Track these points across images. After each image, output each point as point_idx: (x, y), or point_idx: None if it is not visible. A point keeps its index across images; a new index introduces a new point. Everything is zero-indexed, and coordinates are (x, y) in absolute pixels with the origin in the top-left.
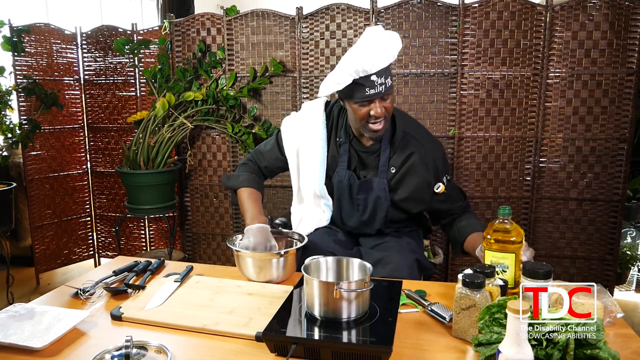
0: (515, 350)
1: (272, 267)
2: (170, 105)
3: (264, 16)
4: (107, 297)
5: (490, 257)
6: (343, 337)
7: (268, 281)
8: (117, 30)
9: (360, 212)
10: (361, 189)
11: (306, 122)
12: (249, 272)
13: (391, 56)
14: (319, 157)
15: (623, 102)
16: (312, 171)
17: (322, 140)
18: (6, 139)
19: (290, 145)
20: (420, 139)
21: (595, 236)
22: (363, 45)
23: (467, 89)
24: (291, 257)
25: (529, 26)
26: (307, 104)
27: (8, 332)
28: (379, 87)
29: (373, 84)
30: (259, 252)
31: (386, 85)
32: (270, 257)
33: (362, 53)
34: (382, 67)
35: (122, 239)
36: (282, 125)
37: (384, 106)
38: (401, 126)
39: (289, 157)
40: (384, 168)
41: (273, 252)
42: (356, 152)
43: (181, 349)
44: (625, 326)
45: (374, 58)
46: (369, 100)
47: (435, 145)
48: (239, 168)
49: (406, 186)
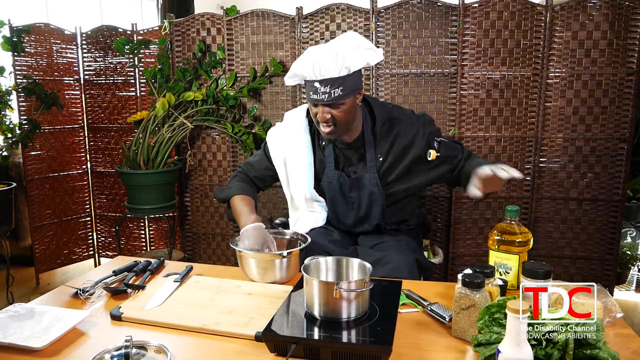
0: (515, 350)
1: (275, 268)
2: (170, 105)
3: (264, 16)
4: (106, 297)
5: (494, 257)
6: (343, 337)
7: (272, 282)
8: (117, 30)
9: (355, 210)
10: (353, 187)
11: (290, 131)
12: (252, 273)
13: (344, 69)
14: (306, 162)
15: (623, 102)
16: (300, 177)
17: (306, 147)
18: (6, 139)
19: (277, 155)
20: (402, 118)
21: (595, 236)
22: (315, 51)
23: (467, 89)
24: (295, 257)
25: (529, 26)
26: (288, 114)
27: (8, 332)
28: (321, 94)
29: (316, 90)
30: (262, 253)
31: (331, 95)
32: (273, 258)
33: (308, 58)
34: (328, 77)
35: (122, 239)
36: (268, 137)
37: (331, 113)
38: (380, 115)
39: (277, 166)
40: (372, 163)
41: (276, 252)
42: (341, 152)
43: (181, 349)
44: (625, 326)
45: (317, 67)
46: (314, 103)
47: (417, 117)
48: (230, 181)
49: (397, 169)
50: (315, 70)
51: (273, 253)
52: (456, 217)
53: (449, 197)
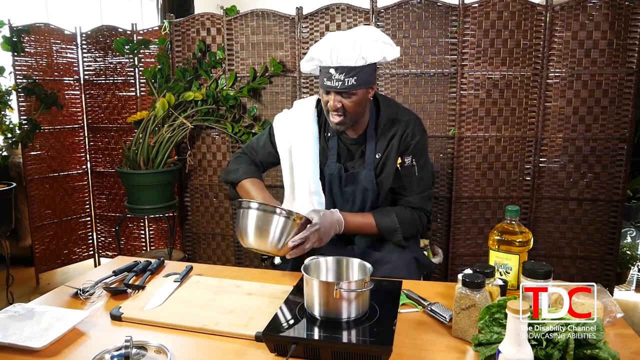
0: (515, 350)
1: (276, 229)
2: (170, 105)
3: (264, 16)
4: (106, 297)
5: (495, 257)
6: (343, 337)
7: (266, 249)
8: (117, 30)
9: (350, 205)
10: (348, 182)
11: (298, 119)
12: (248, 232)
13: (361, 59)
14: (312, 153)
15: (623, 102)
16: (306, 167)
17: (313, 137)
18: (6, 139)
19: (283, 142)
20: (404, 120)
21: (595, 236)
22: (334, 37)
23: (467, 89)
24: (297, 224)
25: (529, 26)
26: (298, 102)
27: (8, 332)
28: (335, 81)
29: (331, 76)
30: (267, 205)
31: (345, 84)
32: (277, 216)
33: (327, 44)
34: (344, 64)
35: (122, 239)
36: (275, 122)
37: (342, 102)
38: (385, 112)
39: (281, 154)
40: (370, 160)
41: (283, 210)
42: (345, 145)
43: (181, 349)
44: (625, 326)
45: (335, 53)
46: (327, 90)
47: (416, 128)
48: (233, 161)
49: (387, 168)
50: (332, 56)
51: (279, 207)
52: (456, 217)
53: (449, 197)
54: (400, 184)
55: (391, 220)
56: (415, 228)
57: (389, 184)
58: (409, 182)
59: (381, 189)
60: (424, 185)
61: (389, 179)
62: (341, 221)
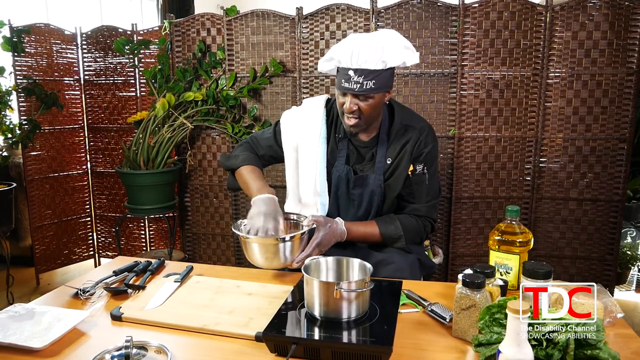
0: (515, 351)
1: (280, 252)
2: (170, 106)
3: (264, 16)
4: (107, 297)
5: (495, 257)
6: (343, 337)
7: (277, 267)
8: (117, 31)
9: (355, 208)
10: (356, 184)
11: (306, 118)
12: (255, 257)
13: (381, 62)
14: (319, 153)
15: (623, 102)
16: (312, 167)
17: (321, 137)
18: (6, 139)
19: (289, 140)
20: (418, 127)
21: (595, 236)
22: (356, 39)
23: (467, 89)
24: (297, 241)
25: (529, 26)
26: (308, 100)
27: (8, 332)
28: (353, 84)
29: (349, 78)
30: (265, 238)
31: (363, 86)
32: (277, 243)
33: (348, 45)
34: (363, 67)
35: (122, 239)
36: (282, 118)
37: (358, 105)
38: (399, 118)
39: (286, 152)
40: (380, 164)
41: (279, 236)
42: (355, 148)
43: (181, 349)
44: (625, 326)
45: (356, 55)
46: (343, 92)
47: (429, 136)
48: (236, 148)
49: (397, 174)
50: (353, 58)
51: (275, 237)
52: (456, 217)
53: (449, 197)
54: (410, 191)
55: (395, 228)
56: (419, 236)
57: (397, 189)
58: (418, 190)
59: (388, 194)
60: (433, 194)
61: (398, 185)
62: (344, 233)
